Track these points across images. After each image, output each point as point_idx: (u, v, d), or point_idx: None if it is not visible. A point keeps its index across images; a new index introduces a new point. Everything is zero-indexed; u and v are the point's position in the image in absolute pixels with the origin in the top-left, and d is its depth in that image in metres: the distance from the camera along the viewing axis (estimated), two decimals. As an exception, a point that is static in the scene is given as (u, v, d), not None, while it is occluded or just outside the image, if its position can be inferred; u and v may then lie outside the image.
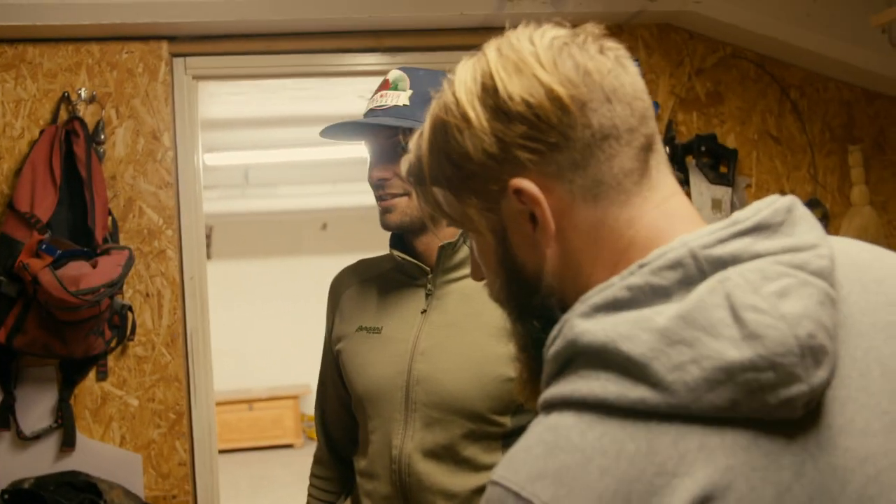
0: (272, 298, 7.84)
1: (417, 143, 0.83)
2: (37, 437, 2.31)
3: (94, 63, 2.41)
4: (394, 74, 1.48)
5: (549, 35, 0.76)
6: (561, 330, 0.72)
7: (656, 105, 2.59)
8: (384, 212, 1.50)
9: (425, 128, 0.81)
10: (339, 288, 1.67)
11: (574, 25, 0.77)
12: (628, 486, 0.63)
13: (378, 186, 1.49)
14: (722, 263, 0.68)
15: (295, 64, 2.56)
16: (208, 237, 7.25)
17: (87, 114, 2.38)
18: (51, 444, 2.33)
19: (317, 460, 1.75)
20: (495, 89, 0.74)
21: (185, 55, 2.49)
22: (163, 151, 2.44)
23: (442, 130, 0.78)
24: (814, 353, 0.65)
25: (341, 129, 1.50)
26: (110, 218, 2.35)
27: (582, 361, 0.69)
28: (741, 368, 0.63)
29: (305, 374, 6.17)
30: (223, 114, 4.33)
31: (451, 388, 1.47)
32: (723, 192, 2.58)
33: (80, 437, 2.34)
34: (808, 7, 2.58)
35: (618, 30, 2.60)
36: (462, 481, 1.46)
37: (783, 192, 0.86)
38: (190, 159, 2.48)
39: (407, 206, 1.48)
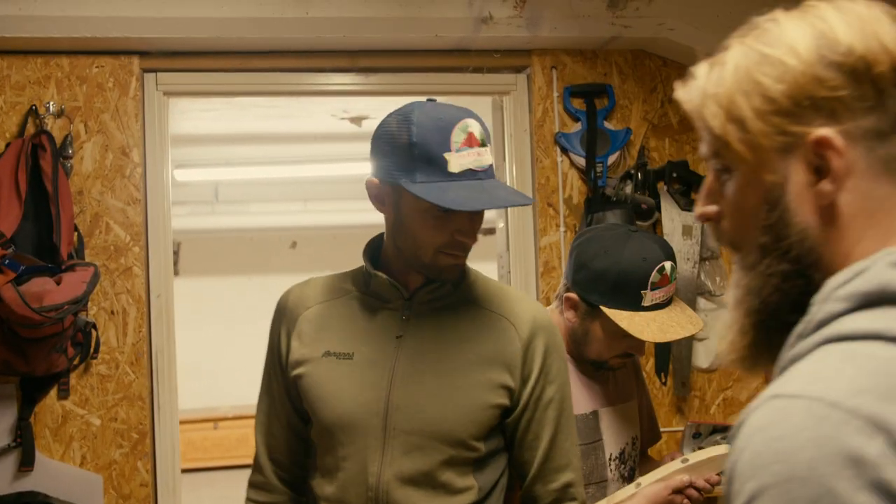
0: (240, 316, 7.76)
1: (717, 71, 0.82)
2: (-6, 456, 2.26)
3: (63, 76, 2.38)
4: (477, 128, 1.45)
5: (882, 6, 0.77)
6: (860, 274, 0.73)
7: (628, 131, 2.62)
8: (453, 266, 1.51)
9: (734, 57, 0.81)
10: (297, 309, 1.61)
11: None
12: None
13: (463, 247, 1.49)
14: None
15: (268, 82, 2.56)
16: (176, 253, 7.19)
17: (56, 128, 2.35)
18: (9, 463, 2.28)
19: (257, 486, 1.67)
20: (833, 38, 0.75)
21: (156, 71, 2.48)
22: (132, 167, 2.42)
23: (763, 66, 0.78)
24: None
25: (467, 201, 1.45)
26: (76, 234, 2.32)
27: (891, 305, 0.71)
28: None
29: (273, 393, 6.13)
30: (194, 130, 4.31)
31: (434, 415, 1.49)
32: (693, 219, 2.61)
33: (39, 457, 2.29)
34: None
35: (592, 55, 2.64)
36: None
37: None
38: (159, 176, 2.46)
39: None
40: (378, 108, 3.62)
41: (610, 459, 1.89)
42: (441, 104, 1.49)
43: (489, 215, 1.68)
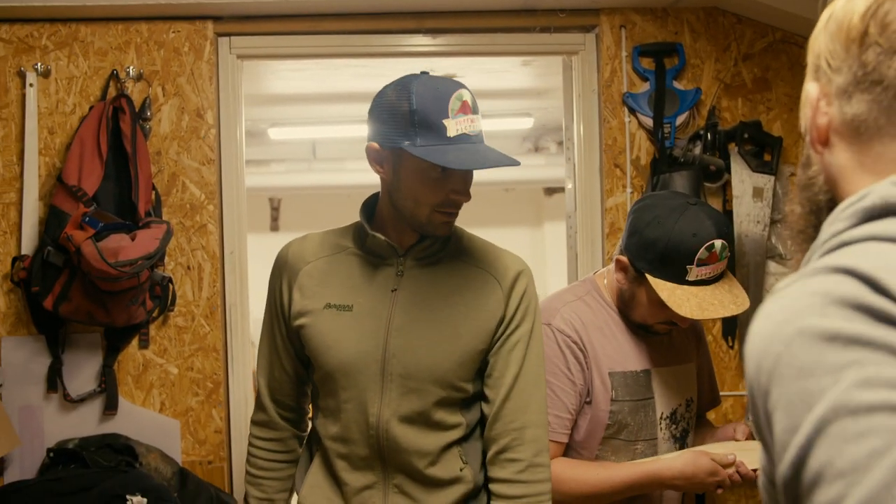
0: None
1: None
2: (82, 400, 2.43)
3: (142, 42, 2.49)
4: (470, 98, 1.58)
5: None
6: (866, 195, 0.79)
7: (698, 91, 2.56)
8: (447, 223, 1.64)
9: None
10: (297, 264, 1.73)
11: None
12: None
13: (457, 204, 1.62)
14: None
15: (337, 44, 2.60)
16: (276, 209, 7.43)
17: (135, 91, 2.47)
18: (94, 407, 2.45)
19: (260, 424, 1.82)
20: (831, 11, 0.85)
21: (229, 35, 2.56)
22: (206, 129, 2.51)
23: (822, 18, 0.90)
24: None
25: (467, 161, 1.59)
26: (154, 192, 2.44)
27: (894, 216, 0.78)
28: None
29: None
30: (288, 90, 4.41)
31: (428, 361, 1.64)
32: (765, 181, 2.53)
33: (122, 402, 2.45)
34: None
35: (663, 13, 2.57)
36: (433, 441, 1.66)
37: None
38: (233, 136, 2.55)
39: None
40: (463, 68, 3.63)
41: (661, 418, 1.92)
42: (436, 76, 1.61)
43: (559, 174, 1.68)
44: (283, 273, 1.74)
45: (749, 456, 1.85)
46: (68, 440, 2.39)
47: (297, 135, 5.82)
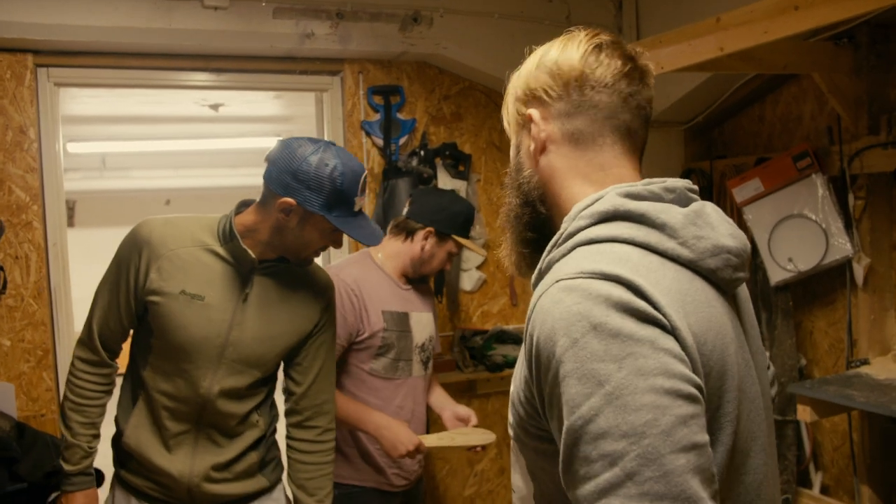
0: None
1: (520, 75, 1.15)
2: (-74, 370, 2.85)
3: (-28, 70, 2.95)
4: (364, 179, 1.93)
5: (597, 39, 1.07)
6: (598, 200, 0.99)
7: (414, 121, 3.54)
8: (312, 258, 2.02)
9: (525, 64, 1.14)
10: (160, 248, 1.92)
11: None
12: (678, 292, 0.93)
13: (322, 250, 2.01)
14: (694, 199, 1.05)
15: (140, 77, 3.22)
16: (72, 209, 8.11)
17: (-32, 111, 2.93)
18: (-62, 375, 2.87)
19: (87, 361, 2.03)
20: (551, 55, 1.08)
21: (47, 66, 3.08)
22: (29, 143, 3.03)
23: (523, 69, 1.14)
24: (749, 260, 1.04)
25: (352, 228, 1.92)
26: (-11, 195, 2.92)
27: (622, 220, 0.97)
28: (726, 250, 0.99)
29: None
30: (84, 111, 4.94)
31: (258, 352, 2.00)
32: (461, 184, 3.58)
33: (-37, 370, 2.90)
34: (522, 56, 3.61)
35: (388, 64, 3.51)
36: (243, 407, 2.04)
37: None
38: (52, 149, 3.08)
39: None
40: (230, 99, 4.38)
41: (415, 347, 2.61)
42: (345, 152, 1.91)
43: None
44: (143, 248, 1.92)
45: (467, 438, 2.49)
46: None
47: (90, 149, 6.69)
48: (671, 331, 0.87)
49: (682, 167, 3.63)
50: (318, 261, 2.23)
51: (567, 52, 1.06)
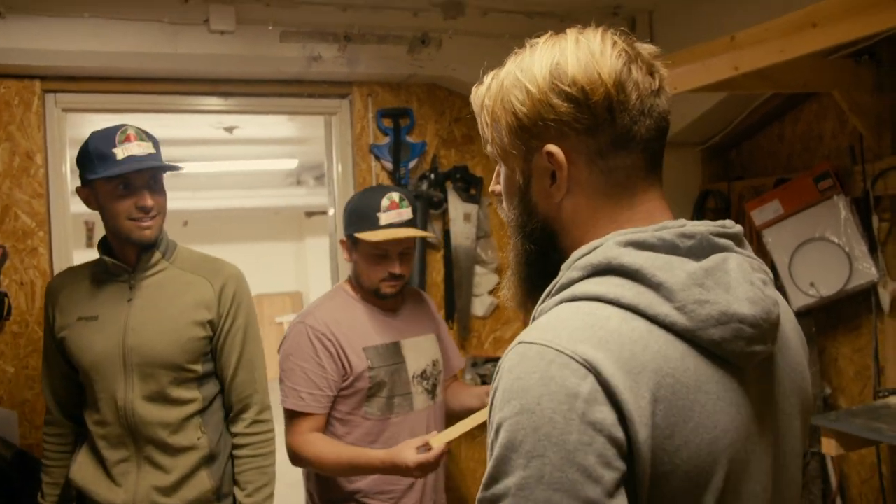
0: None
1: (493, 83, 0.97)
2: (-71, 398, 2.82)
3: (-21, 96, 2.95)
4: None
5: (619, 46, 0.90)
6: (594, 250, 0.87)
7: (424, 143, 3.49)
8: (146, 229, 2.05)
9: (502, 74, 0.95)
10: (55, 291, 2.17)
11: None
12: (656, 372, 0.80)
13: (149, 209, 2.07)
14: (721, 248, 0.90)
15: (148, 102, 3.21)
16: (91, 230, 8.42)
17: (-26, 137, 2.92)
18: (-59, 404, 2.84)
19: (49, 423, 2.24)
20: (564, 71, 0.88)
21: (54, 91, 3.08)
22: (35, 168, 3.02)
23: (514, 89, 0.92)
24: (774, 330, 0.86)
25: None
26: (-6, 221, 2.91)
27: (614, 275, 0.85)
28: (738, 318, 0.83)
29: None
30: None
31: (157, 350, 2.07)
32: (472, 208, 3.52)
33: (-33, 398, 2.87)
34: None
35: (397, 87, 3.47)
36: (174, 414, 2.08)
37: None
38: (59, 175, 3.07)
39: (159, 224, 2.10)
40: (244, 122, 4.37)
41: (413, 377, 2.41)
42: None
43: (317, 201, 2.30)
44: (48, 299, 2.19)
45: (475, 418, 2.17)
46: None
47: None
48: (617, 422, 0.78)
49: (699, 189, 3.55)
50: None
51: (586, 66, 0.87)
